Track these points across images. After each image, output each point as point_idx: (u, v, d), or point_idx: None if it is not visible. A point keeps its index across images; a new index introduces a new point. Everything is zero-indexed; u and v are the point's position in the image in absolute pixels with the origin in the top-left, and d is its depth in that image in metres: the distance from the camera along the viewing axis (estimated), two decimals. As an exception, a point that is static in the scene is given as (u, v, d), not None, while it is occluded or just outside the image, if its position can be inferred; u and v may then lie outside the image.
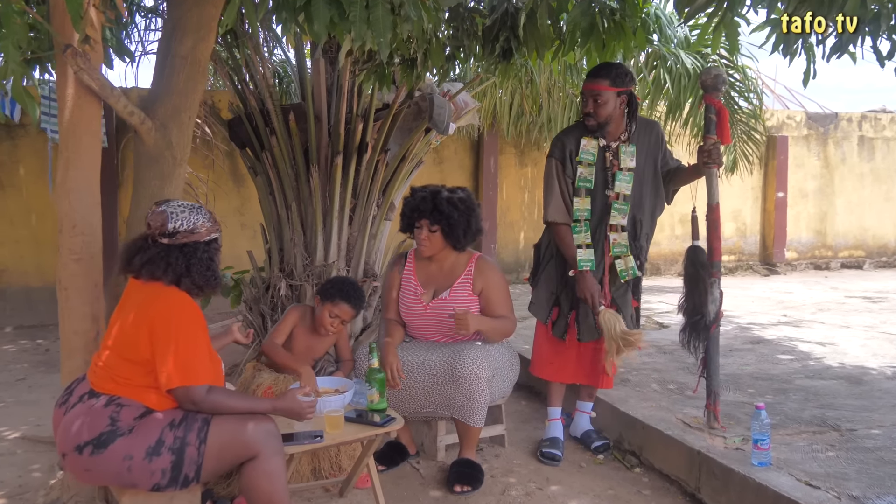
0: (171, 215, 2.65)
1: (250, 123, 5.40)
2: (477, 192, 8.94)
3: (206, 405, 2.58)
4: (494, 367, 3.56)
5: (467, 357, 3.44)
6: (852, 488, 2.96)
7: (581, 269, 3.64)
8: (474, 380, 3.42)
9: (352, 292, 3.53)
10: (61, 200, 2.98)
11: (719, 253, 3.65)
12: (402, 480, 3.60)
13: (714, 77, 3.51)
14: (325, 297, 3.52)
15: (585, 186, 3.69)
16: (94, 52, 2.92)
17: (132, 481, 2.52)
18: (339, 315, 3.50)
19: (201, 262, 2.69)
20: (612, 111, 3.59)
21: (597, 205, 3.70)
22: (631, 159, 3.67)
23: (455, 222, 3.60)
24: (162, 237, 2.64)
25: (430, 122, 5.22)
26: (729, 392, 4.28)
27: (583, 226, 3.69)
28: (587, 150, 3.68)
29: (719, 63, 6.74)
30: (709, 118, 3.56)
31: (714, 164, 3.54)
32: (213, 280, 2.74)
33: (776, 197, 10.31)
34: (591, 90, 3.60)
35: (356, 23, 2.85)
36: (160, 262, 2.62)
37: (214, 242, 2.77)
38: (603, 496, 3.44)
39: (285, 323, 3.55)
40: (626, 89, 3.60)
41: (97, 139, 3.04)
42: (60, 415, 2.63)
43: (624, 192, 3.67)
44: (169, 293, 2.64)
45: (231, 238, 7.44)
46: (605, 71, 3.60)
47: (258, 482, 2.58)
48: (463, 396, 3.45)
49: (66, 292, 3.03)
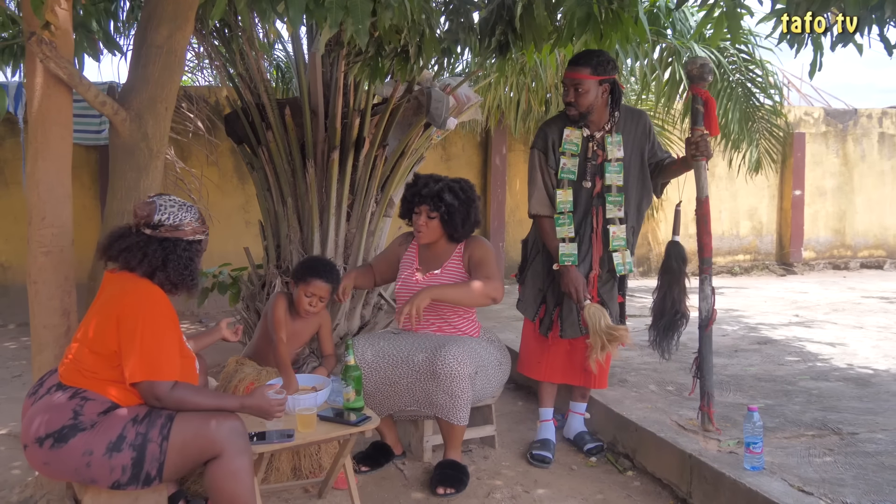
0: (159, 207, 2.64)
1: (247, 118, 5.34)
2: (485, 189, 8.84)
3: (171, 401, 2.51)
4: (478, 364, 3.46)
5: (448, 354, 3.34)
6: (847, 495, 2.83)
7: (562, 263, 3.54)
8: (455, 377, 3.32)
9: (321, 268, 3.54)
10: (30, 192, 2.93)
11: (710, 248, 3.54)
12: (385, 482, 3.51)
13: (700, 67, 3.41)
14: (298, 279, 3.53)
15: (568, 178, 3.59)
16: (64, 42, 2.85)
17: (91, 477, 2.45)
18: (315, 293, 3.49)
19: (179, 260, 2.64)
20: (593, 100, 3.49)
21: (581, 197, 3.60)
22: (618, 149, 3.57)
23: (455, 210, 3.56)
24: (146, 227, 2.62)
25: (426, 115, 5.13)
26: (729, 393, 4.15)
27: (565, 218, 3.58)
28: (570, 141, 3.57)
29: (738, 57, 6.57)
30: (696, 109, 3.45)
31: (702, 156, 3.43)
32: (190, 280, 2.70)
33: (793, 195, 10.10)
34: (572, 79, 3.50)
35: (332, 9, 2.78)
36: (137, 252, 2.59)
37: (198, 244, 2.74)
38: (591, 500, 3.33)
39: (279, 315, 3.49)
40: (609, 77, 3.50)
41: (67, 130, 2.98)
42: (29, 405, 2.59)
43: (616, 183, 3.56)
44: (141, 287, 2.59)
45: (236, 236, 7.41)
46: (585, 59, 3.50)
47: (222, 482, 2.50)
48: (444, 394, 3.36)
49: (35, 286, 2.97)
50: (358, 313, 5.33)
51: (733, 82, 6.32)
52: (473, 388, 3.44)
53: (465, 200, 3.60)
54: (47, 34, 2.68)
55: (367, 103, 5.31)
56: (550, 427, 3.88)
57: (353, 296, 5.19)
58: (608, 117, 3.57)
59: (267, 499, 3.24)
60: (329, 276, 3.52)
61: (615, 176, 3.55)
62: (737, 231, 10.17)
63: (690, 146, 3.44)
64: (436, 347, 3.43)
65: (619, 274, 3.61)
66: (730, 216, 10.11)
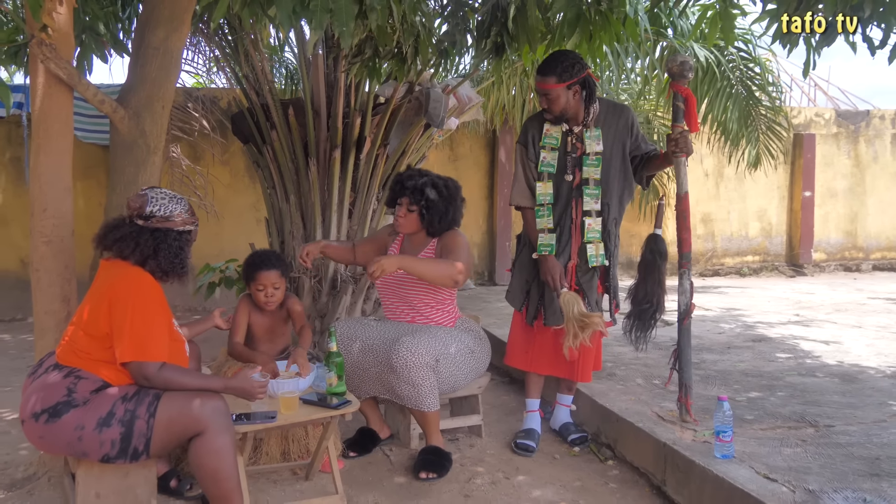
0: (150, 199, 2.79)
1: (252, 118, 5.51)
2: (492, 188, 8.95)
3: (158, 381, 2.66)
4: (440, 353, 3.53)
5: (401, 345, 3.44)
6: (811, 482, 2.92)
7: (540, 253, 3.67)
8: (411, 367, 3.42)
9: (260, 260, 3.57)
10: (33, 184, 3.10)
11: (688, 243, 3.62)
12: (371, 466, 3.64)
13: (680, 64, 3.48)
14: (246, 280, 3.60)
15: (547, 171, 3.70)
16: (64, 44, 3.02)
17: (83, 450, 2.61)
18: (265, 283, 3.53)
19: (170, 249, 2.80)
20: (565, 103, 3.59)
21: (561, 190, 3.71)
22: (597, 143, 3.66)
23: (433, 206, 3.67)
24: (138, 218, 2.77)
25: (424, 115, 5.27)
26: (714, 387, 4.24)
27: (545, 210, 3.70)
28: (550, 135, 3.70)
29: (737, 57, 6.65)
30: (676, 106, 3.53)
31: (682, 152, 3.52)
32: (180, 268, 2.85)
33: (803, 196, 10.11)
34: (541, 89, 3.61)
35: (317, 11, 2.91)
36: (130, 241, 2.75)
37: (188, 234, 2.88)
38: (569, 487, 3.44)
39: (238, 318, 3.59)
40: (576, 80, 3.57)
41: (68, 127, 3.14)
42: (28, 384, 2.75)
43: (593, 176, 3.66)
44: (133, 273, 2.75)
45: (247, 232, 7.58)
46: (550, 68, 3.58)
47: (204, 458, 2.65)
48: (406, 384, 3.46)
49: (37, 274, 3.14)
50: (359, 308, 5.47)
51: (733, 80, 6.40)
52: (439, 377, 3.54)
53: (446, 198, 3.70)
54: (45, 36, 2.85)
55: (369, 103, 5.45)
56: (536, 417, 4.00)
57: (354, 290, 5.34)
58: (585, 112, 3.67)
59: (256, 479, 3.39)
60: (269, 264, 3.56)
61: (593, 169, 3.66)
62: (746, 232, 10.20)
63: (671, 143, 3.53)
64: (391, 340, 3.55)
65: (591, 265, 3.70)
66: (739, 217, 10.15)
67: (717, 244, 10.13)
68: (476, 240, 8.98)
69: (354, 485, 3.41)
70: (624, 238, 8.84)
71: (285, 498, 3.27)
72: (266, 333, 3.62)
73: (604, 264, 3.73)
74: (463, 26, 4.52)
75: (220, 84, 7.82)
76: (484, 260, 9.09)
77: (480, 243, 9.04)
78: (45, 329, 3.16)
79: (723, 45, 6.57)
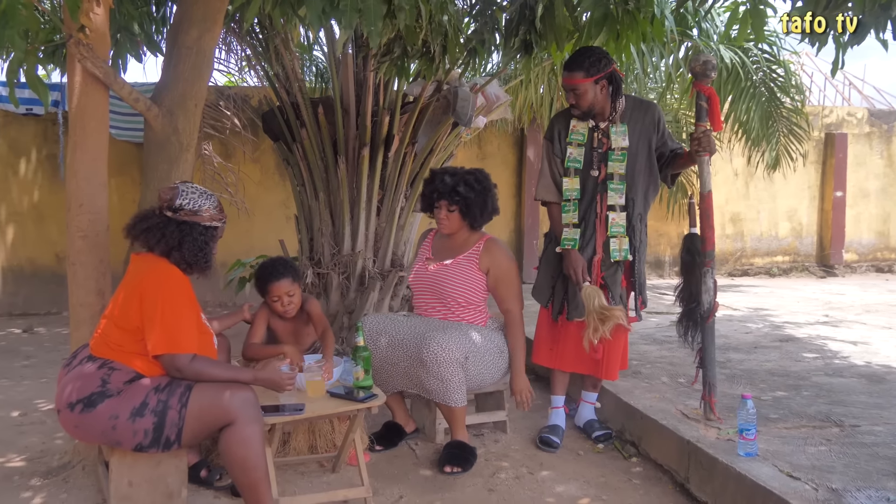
0: (181, 192, 2.86)
1: (282, 116, 5.59)
2: (520, 187, 8.98)
3: (190, 372, 2.73)
4: (469, 349, 3.59)
5: (433, 341, 3.49)
6: (834, 481, 2.92)
7: (563, 247, 3.71)
8: (441, 363, 3.47)
9: (268, 272, 3.54)
10: (69, 181, 3.19)
11: (712, 242, 3.60)
12: (397, 459, 3.70)
13: (703, 63, 3.49)
14: (260, 292, 3.59)
15: (574, 166, 3.73)
16: (101, 44, 3.11)
17: (117, 439, 2.69)
18: (279, 294, 3.52)
19: (195, 242, 2.86)
20: (593, 99, 3.62)
21: (587, 185, 3.73)
22: (623, 139, 3.67)
23: (472, 202, 3.75)
24: (167, 210, 2.85)
25: (452, 113, 5.31)
26: (739, 386, 4.24)
27: (571, 205, 3.73)
28: (577, 131, 3.73)
29: (760, 58, 6.63)
30: (699, 106, 3.54)
31: (704, 151, 3.52)
32: (204, 262, 2.92)
33: (834, 196, 10.02)
34: (569, 84, 3.63)
35: (346, 11, 2.97)
36: (156, 231, 2.82)
37: (214, 230, 2.94)
38: (592, 483, 3.47)
39: (257, 323, 3.61)
40: (603, 74, 3.59)
41: (104, 124, 3.23)
42: (63, 375, 2.84)
43: (618, 171, 3.68)
44: (162, 267, 2.82)
45: (277, 229, 7.66)
46: (577, 64, 3.60)
47: (234, 447, 2.72)
48: (434, 379, 3.51)
49: (73, 267, 3.23)
50: (386, 304, 5.53)
51: (756, 81, 6.38)
52: (467, 373, 3.59)
53: (480, 191, 3.77)
54: (83, 36, 2.93)
55: (397, 102, 5.50)
56: (560, 414, 4.02)
57: (382, 287, 5.40)
58: (611, 108, 3.69)
59: (284, 471, 3.45)
60: (278, 274, 3.53)
61: (618, 164, 3.67)
62: (776, 232, 10.13)
63: (693, 141, 3.54)
64: (423, 335, 3.60)
65: (614, 259, 3.71)
66: (769, 217, 10.08)
67: (746, 244, 10.07)
68: (504, 238, 9.00)
69: (380, 478, 3.46)
70: (652, 237, 8.84)
71: (312, 489, 3.33)
72: (290, 336, 3.66)
73: (627, 259, 3.73)
74: (491, 25, 4.56)
75: (252, 83, 7.94)
76: (511, 258, 9.11)
77: (508, 241, 9.06)
78: (80, 321, 3.25)
79: (747, 47, 6.57)
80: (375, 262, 5.57)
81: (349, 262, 5.48)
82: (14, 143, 7.68)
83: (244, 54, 6.09)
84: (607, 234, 3.72)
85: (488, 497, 3.31)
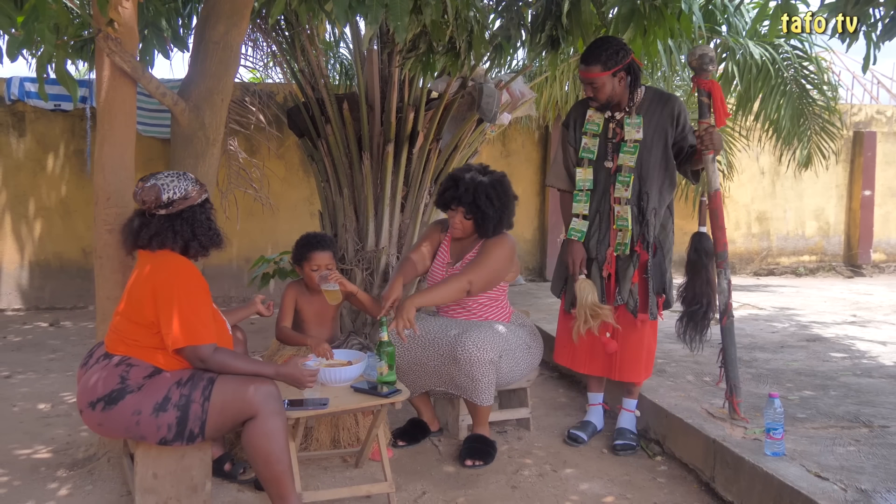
0: (162, 187, 2.80)
1: (307, 112, 5.60)
2: (544, 185, 8.94)
3: (213, 363, 2.74)
4: (502, 348, 3.58)
5: (468, 339, 3.48)
6: (863, 482, 2.88)
7: (569, 237, 3.70)
8: (475, 362, 3.46)
9: (313, 241, 3.66)
10: (97, 175, 3.21)
11: (722, 242, 3.54)
12: (420, 455, 3.69)
13: (699, 58, 3.42)
14: (298, 261, 3.68)
15: (587, 157, 3.70)
16: (129, 39, 3.13)
17: (141, 434, 2.70)
18: (320, 264, 3.61)
19: (202, 224, 2.86)
20: (611, 91, 3.57)
21: (599, 176, 3.70)
22: (637, 131, 3.62)
23: (489, 217, 3.66)
24: (159, 209, 2.80)
25: (477, 110, 5.29)
26: (766, 386, 4.19)
27: (583, 196, 3.70)
28: (592, 122, 3.70)
29: (791, 55, 6.55)
30: (700, 102, 3.48)
31: (709, 149, 3.47)
32: (217, 238, 2.92)
33: (862, 195, 9.89)
34: (586, 78, 3.58)
35: (373, 6, 2.97)
36: (167, 233, 2.80)
37: (207, 203, 2.93)
38: (616, 481, 3.44)
39: (285, 303, 3.68)
40: (620, 67, 3.54)
41: (131, 119, 3.25)
42: (81, 375, 2.85)
43: (627, 163, 3.63)
44: (170, 260, 2.81)
45: (301, 225, 7.68)
46: (594, 56, 3.54)
47: (257, 440, 2.72)
48: (466, 377, 3.51)
49: (100, 261, 3.25)
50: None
51: (787, 78, 6.30)
52: (499, 372, 3.58)
53: (499, 207, 3.67)
54: (111, 31, 2.95)
55: (422, 98, 5.50)
56: (595, 412, 3.97)
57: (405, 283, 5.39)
58: (629, 98, 3.64)
59: (307, 466, 3.46)
60: (324, 245, 3.65)
61: (629, 157, 3.62)
62: (802, 231, 10.02)
63: (697, 139, 3.50)
64: (458, 333, 3.58)
65: (618, 254, 3.67)
66: (795, 216, 9.97)
67: (772, 243, 9.97)
68: (527, 236, 8.98)
69: (403, 473, 3.46)
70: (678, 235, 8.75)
71: (335, 484, 3.33)
72: (315, 317, 3.70)
73: (626, 253, 3.66)
74: (517, 20, 4.54)
75: (277, 79, 7.97)
76: (534, 255, 9.09)
77: (531, 239, 9.04)
78: (106, 315, 3.26)
79: (778, 43, 6.49)
80: (399, 259, 5.57)
81: (373, 258, 5.49)
82: (42, 139, 7.76)
83: (270, 50, 6.11)
84: (614, 226, 3.68)
85: (511, 494, 3.29)
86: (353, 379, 3.22)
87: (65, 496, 3.19)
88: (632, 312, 3.68)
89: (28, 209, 7.78)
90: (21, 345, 6.14)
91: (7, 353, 5.85)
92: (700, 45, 3.51)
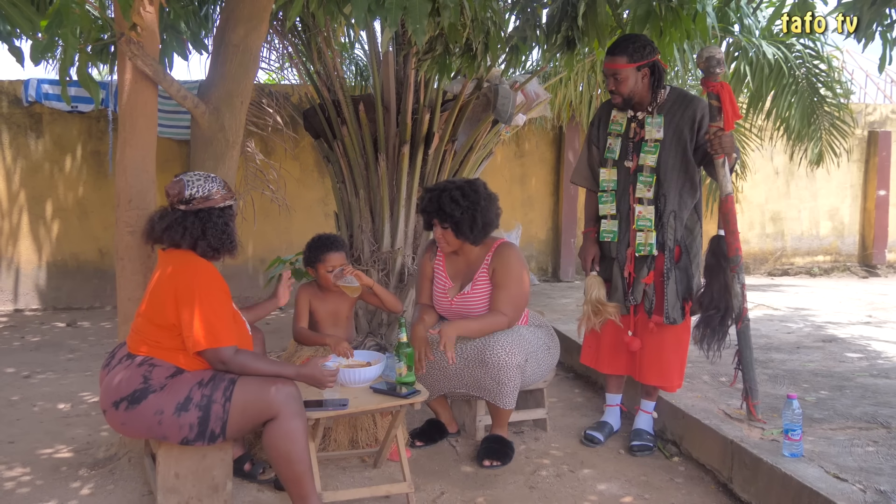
0: (187, 183, 2.87)
1: (323, 114, 5.63)
2: (558, 185, 8.94)
3: (235, 365, 2.76)
4: (528, 351, 3.59)
5: (497, 343, 3.49)
6: (882, 483, 2.88)
7: (601, 240, 3.73)
8: (503, 366, 3.47)
9: (326, 242, 3.68)
10: (118, 177, 3.24)
11: (735, 247, 3.52)
12: (438, 456, 3.71)
13: (706, 60, 3.40)
14: (312, 263, 3.70)
15: (611, 157, 3.71)
16: (150, 42, 3.16)
17: (163, 434, 2.73)
18: (334, 264, 3.64)
19: (216, 227, 2.88)
20: (633, 86, 3.56)
21: (620, 175, 3.71)
22: (658, 130, 3.61)
23: (459, 220, 3.56)
24: (179, 204, 2.86)
25: (493, 111, 5.31)
26: (783, 387, 4.19)
27: (608, 196, 3.71)
28: (616, 122, 3.71)
29: (803, 54, 6.54)
30: (710, 105, 3.46)
31: (718, 153, 3.46)
32: (229, 243, 2.94)
33: (877, 195, 9.84)
34: (610, 69, 3.58)
35: (392, 9, 2.98)
36: (178, 228, 2.84)
37: (229, 209, 2.96)
38: (634, 482, 3.45)
39: (300, 305, 3.71)
40: (646, 61, 3.53)
41: (153, 121, 3.28)
42: (104, 375, 2.88)
43: (647, 163, 3.62)
44: (191, 261, 2.85)
45: (316, 226, 7.70)
46: (621, 48, 3.54)
47: (277, 441, 2.75)
48: (492, 381, 3.51)
49: (122, 262, 3.29)
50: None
51: (798, 77, 6.30)
52: (524, 375, 3.59)
53: (466, 207, 3.56)
54: (134, 34, 2.98)
55: (437, 99, 5.52)
56: (613, 412, 3.98)
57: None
58: (651, 98, 3.63)
59: (326, 466, 3.48)
60: (337, 246, 3.68)
61: (649, 156, 3.61)
62: (816, 231, 9.98)
63: (707, 143, 3.49)
64: (486, 337, 3.56)
65: (639, 254, 3.65)
66: (809, 216, 9.94)
67: (786, 243, 9.93)
68: (541, 236, 8.98)
69: (421, 473, 3.48)
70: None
71: (354, 484, 3.35)
72: (329, 317, 3.72)
73: (652, 254, 3.64)
74: (533, 21, 4.55)
75: (293, 80, 7.99)
76: (548, 256, 9.08)
77: (545, 239, 9.04)
78: (128, 315, 3.29)
79: (790, 42, 6.49)
80: (414, 259, 5.59)
81: (388, 258, 5.51)
82: (59, 140, 7.81)
83: (286, 52, 6.14)
84: (634, 226, 3.67)
85: (529, 494, 3.31)
86: (372, 380, 3.24)
87: (87, 495, 3.22)
88: (647, 314, 3.69)
89: (45, 210, 7.84)
90: (39, 345, 6.20)
91: (26, 352, 5.91)
92: (707, 47, 3.47)
